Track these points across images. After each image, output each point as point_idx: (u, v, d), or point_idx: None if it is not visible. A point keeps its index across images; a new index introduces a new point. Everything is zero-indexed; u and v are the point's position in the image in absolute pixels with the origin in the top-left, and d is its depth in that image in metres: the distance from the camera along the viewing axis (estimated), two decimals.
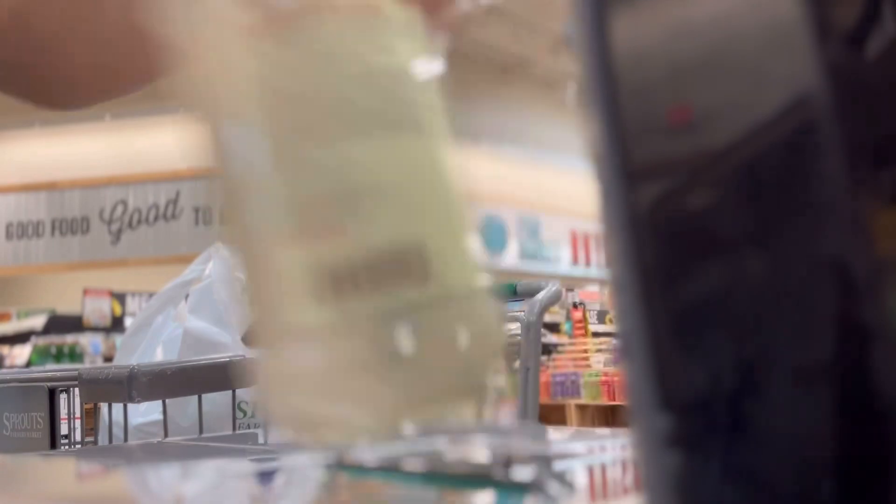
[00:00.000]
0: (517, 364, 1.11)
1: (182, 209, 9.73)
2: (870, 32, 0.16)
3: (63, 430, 0.96)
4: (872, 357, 0.15)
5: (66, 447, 0.97)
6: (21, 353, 7.51)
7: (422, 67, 0.33)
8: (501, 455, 0.58)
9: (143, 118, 10.01)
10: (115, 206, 9.70)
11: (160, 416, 0.87)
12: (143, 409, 0.96)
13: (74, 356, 7.19)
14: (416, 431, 0.31)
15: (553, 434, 0.83)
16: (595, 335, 6.43)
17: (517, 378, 1.11)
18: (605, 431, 0.98)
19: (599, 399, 5.29)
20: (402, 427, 0.29)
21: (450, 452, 0.60)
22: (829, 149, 0.16)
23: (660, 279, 0.18)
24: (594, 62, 0.19)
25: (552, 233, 12.80)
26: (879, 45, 0.16)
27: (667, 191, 0.18)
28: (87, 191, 9.62)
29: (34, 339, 7.48)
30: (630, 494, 0.33)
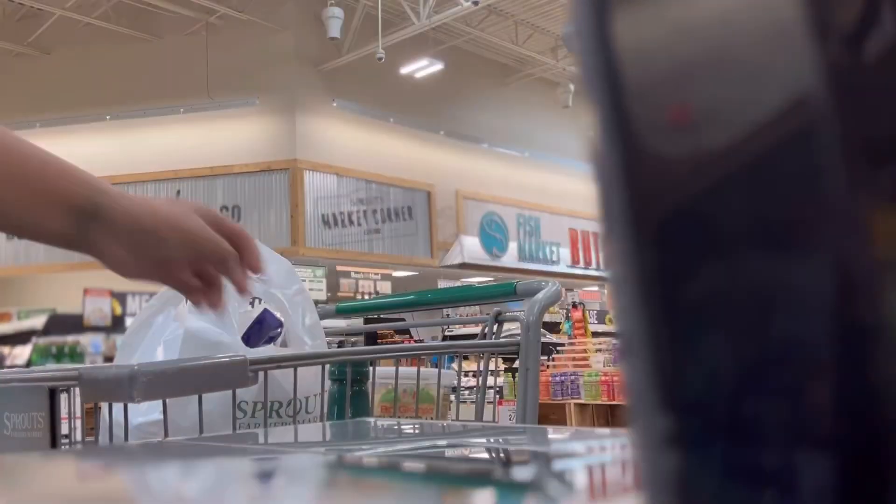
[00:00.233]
0: (517, 364, 1.11)
1: None
2: (870, 32, 0.16)
3: (63, 430, 0.96)
4: (872, 357, 0.15)
5: (67, 447, 0.97)
6: (21, 353, 7.51)
7: None
8: (501, 455, 0.58)
9: (143, 118, 10.02)
10: None
11: (160, 416, 0.87)
12: (144, 409, 0.96)
13: (75, 356, 7.19)
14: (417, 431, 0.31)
15: (553, 434, 0.83)
16: (595, 335, 6.44)
17: (517, 378, 1.11)
18: (605, 431, 0.98)
19: (599, 399, 5.30)
20: None
21: (450, 452, 0.60)
22: (829, 148, 0.16)
23: (660, 279, 0.18)
24: (594, 62, 0.19)
25: (551, 233, 12.81)
26: (879, 45, 0.16)
27: (667, 190, 0.18)
28: None
29: (35, 339, 7.49)
30: (630, 494, 0.33)
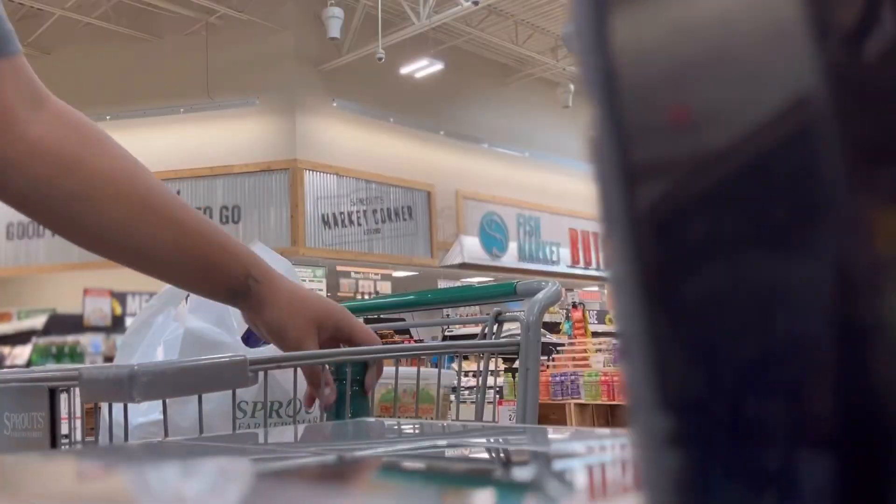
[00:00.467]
0: (517, 364, 1.11)
1: None
2: (870, 32, 0.16)
3: (63, 430, 0.96)
4: (873, 356, 0.15)
5: (67, 447, 0.97)
6: (21, 353, 7.52)
7: None
8: (501, 455, 0.58)
9: (143, 118, 10.02)
10: None
11: (160, 416, 0.87)
12: (144, 409, 0.96)
13: (75, 356, 7.20)
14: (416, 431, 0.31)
15: (553, 434, 0.83)
16: (595, 335, 6.44)
17: (517, 378, 1.11)
18: (605, 431, 0.98)
19: (599, 399, 5.30)
20: None
21: (450, 452, 0.60)
22: (829, 149, 0.16)
23: (660, 279, 0.18)
24: (594, 62, 0.19)
25: (551, 233, 12.81)
26: (879, 45, 0.16)
27: (667, 191, 0.18)
28: None
29: (35, 339, 7.50)
30: (630, 494, 0.33)
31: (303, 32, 10.33)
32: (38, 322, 7.81)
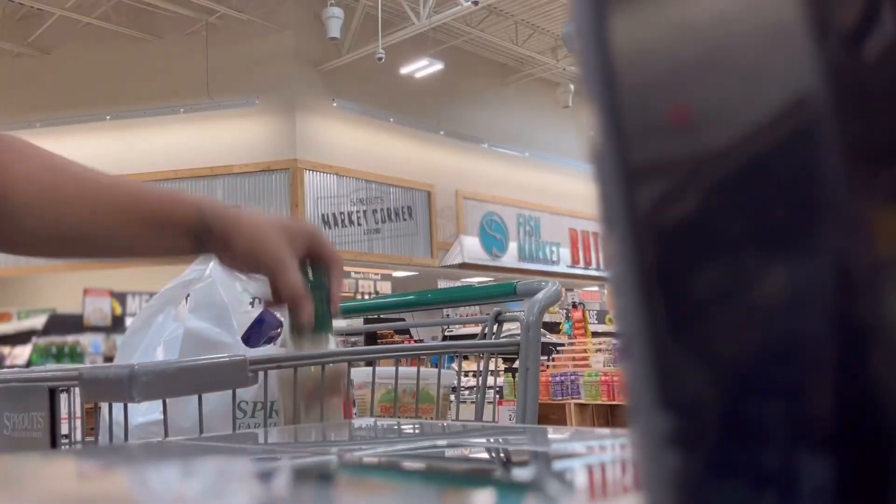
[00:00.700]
0: (517, 364, 1.11)
1: None
2: (870, 32, 0.16)
3: (63, 430, 0.96)
4: (873, 356, 0.15)
5: (67, 447, 0.97)
6: (21, 353, 7.52)
7: None
8: (501, 455, 0.58)
9: (143, 118, 10.02)
10: None
11: (160, 416, 0.87)
12: (144, 409, 0.96)
13: (75, 356, 7.20)
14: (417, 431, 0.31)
15: (553, 434, 0.83)
16: (595, 335, 6.44)
17: (517, 378, 1.11)
18: (605, 431, 0.98)
19: (599, 399, 5.30)
20: None
21: (449, 452, 0.60)
22: (829, 149, 0.16)
23: (660, 279, 0.18)
24: (594, 62, 0.19)
25: (551, 233, 12.81)
26: (879, 45, 0.16)
27: (667, 191, 0.18)
28: None
29: (35, 339, 7.49)
30: (630, 494, 0.33)
31: (303, 32, 10.32)
32: (38, 322, 7.81)
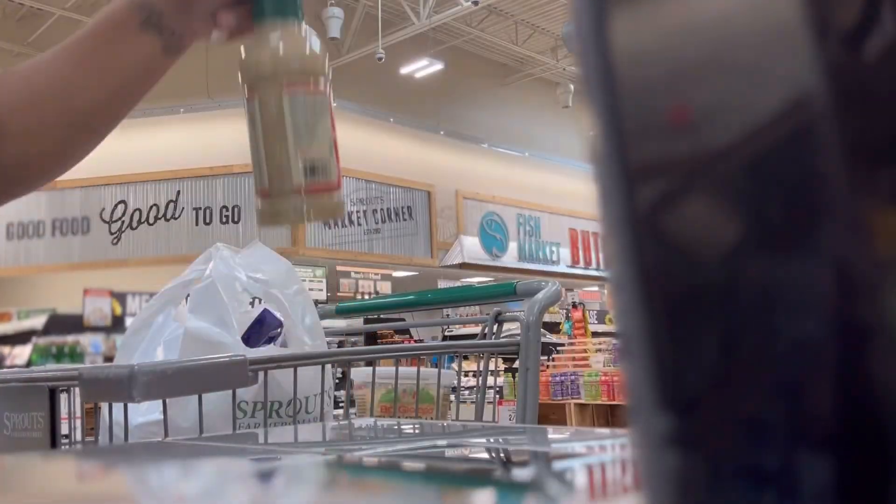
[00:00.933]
0: (517, 364, 1.11)
1: (182, 209, 9.73)
2: (870, 32, 0.16)
3: (63, 430, 0.96)
4: (873, 356, 0.15)
5: (67, 447, 0.97)
6: (21, 353, 7.51)
7: None
8: (501, 455, 0.58)
9: (143, 118, 10.02)
10: (116, 206, 9.71)
11: (160, 416, 0.87)
12: (144, 409, 0.96)
13: (75, 356, 7.20)
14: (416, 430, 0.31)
15: (553, 434, 0.83)
16: (595, 335, 6.44)
17: (517, 378, 1.11)
18: (605, 431, 0.98)
19: (599, 399, 5.30)
20: None
21: (449, 452, 0.60)
22: (829, 149, 0.16)
23: (660, 279, 0.18)
24: (594, 62, 0.19)
25: (551, 233, 12.80)
26: (879, 45, 0.16)
27: (667, 191, 0.18)
28: (88, 191, 9.63)
29: (35, 339, 7.49)
30: (630, 494, 0.33)
31: None
32: (38, 322, 7.81)
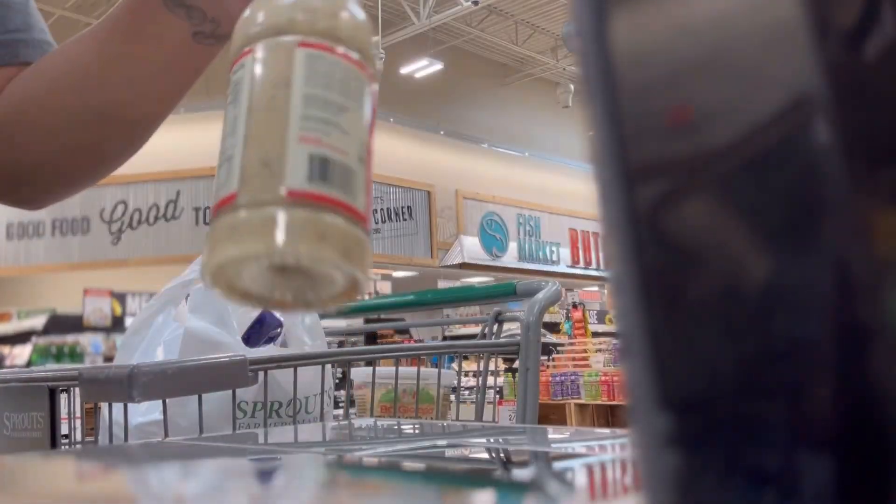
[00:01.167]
0: (517, 364, 1.11)
1: (182, 209, 9.73)
2: (870, 32, 0.16)
3: (63, 430, 0.96)
4: (873, 356, 0.15)
5: (67, 447, 0.97)
6: (21, 353, 7.51)
7: None
8: (501, 455, 0.58)
9: None
10: (116, 206, 9.71)
11: (160, 416, 0.87)
12: (144, 409, 0.96)
13: (75, 356, 7.20)
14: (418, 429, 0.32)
15: (553, 434, 0.83)
16: (595, 335, 6.44)
17: (517, 378, 1.11)
18: (605, 431, 0.98)
19: (599, 399, 5.30)
20: None
21: (450, 453, 0.60)
22: (829, 149, 0.16)
23: (660, 279, 0.18)
24: (594, 62, 0.19)
25: (551, 233, 12.80)
26: (879, 45, 0.16)
27: (667, 191, 0.18)
28: (88, 191, 9.60)
29: (34, 339, 7.49)
30: (630, 494, 0.33)
31: None
32: (38, 322, 7.81)
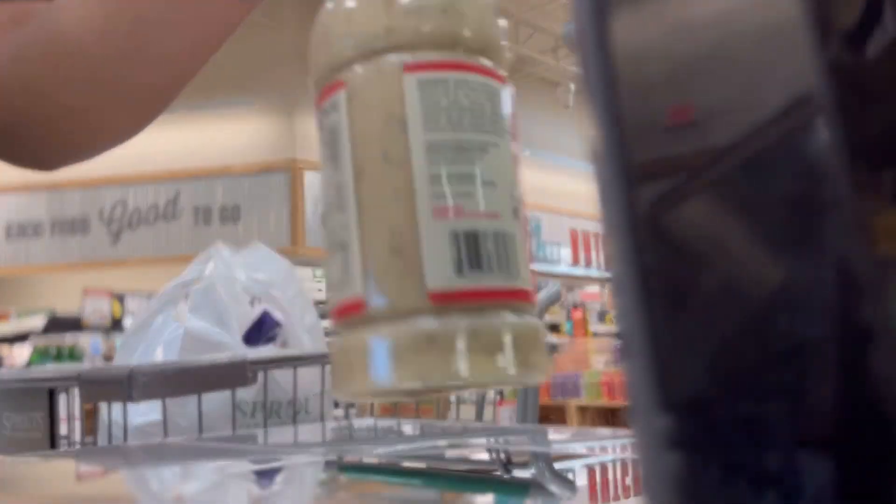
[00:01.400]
0: None
1: (182, 209, 9.72)
2: (870, 32, 0.16)
3: (63, 431, 0.96)
4: (874, 357, 0.15)
5: (66, 447, 0.97)
6: (21, 354, 7.51)
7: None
8: (501, 455, 0.58)
9: None
10: (115, 206, 9.70)
11: (160, 416, 0.87)
12: (143, 410, 0.96)
13: (74, 356, 7.20)
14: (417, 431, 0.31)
15: (553, 434, 0.83)
16: (595, 335, 6.44)
17: None
18: (606, 432, 0.98)
19: (600, 399, 5.30)
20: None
21: (450, 452, 0.60)
22: (830, 149, 0.16)
23: (660, 279, 0.18)
24: (594, 62, 0.19)
25: (552, 233, 12.81)
26: (880, 45, 0.16)
27: (667, 191, 0.18)
28: (87, 191, 9.62)
29: (34, 340, 7.49)
30: (630, 495, 0.33)
31: (303, 32, 10.24)
32: (38, 322, 7.80)
